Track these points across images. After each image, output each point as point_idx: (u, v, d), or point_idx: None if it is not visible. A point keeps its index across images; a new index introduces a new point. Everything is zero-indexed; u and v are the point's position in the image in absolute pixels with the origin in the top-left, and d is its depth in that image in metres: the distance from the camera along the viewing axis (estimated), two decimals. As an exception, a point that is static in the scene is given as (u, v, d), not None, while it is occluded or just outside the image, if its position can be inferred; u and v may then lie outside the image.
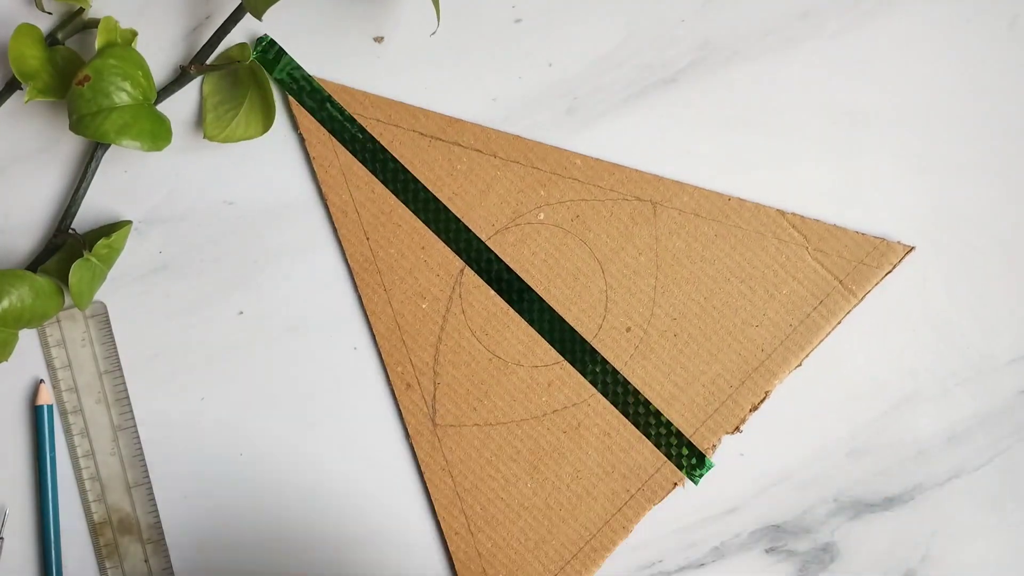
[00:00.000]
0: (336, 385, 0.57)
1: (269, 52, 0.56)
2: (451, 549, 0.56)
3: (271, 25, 0.56)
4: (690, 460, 0.56)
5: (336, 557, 0.56)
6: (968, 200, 0.57)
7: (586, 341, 0.56)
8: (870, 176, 0.57)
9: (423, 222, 0.56)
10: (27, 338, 0.57)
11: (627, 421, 0.56)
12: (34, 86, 0.54)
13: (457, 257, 0.56)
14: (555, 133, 0.57)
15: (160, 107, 0.56)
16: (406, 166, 0.56)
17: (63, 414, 0.57)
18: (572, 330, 0.56)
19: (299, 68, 0.56)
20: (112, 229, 0.56)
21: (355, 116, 0.56)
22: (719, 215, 0.56)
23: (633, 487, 0.56)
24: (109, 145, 0.55)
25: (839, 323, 0.55)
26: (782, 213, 0.55)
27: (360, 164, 0.56)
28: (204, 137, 0.56)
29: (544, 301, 0.56)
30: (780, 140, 0.57)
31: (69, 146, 0.57)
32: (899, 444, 0.56)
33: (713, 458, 0.56)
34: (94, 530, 0.56)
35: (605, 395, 0.56)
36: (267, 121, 0.55)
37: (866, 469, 0.56)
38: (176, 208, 0.57)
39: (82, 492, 0.56)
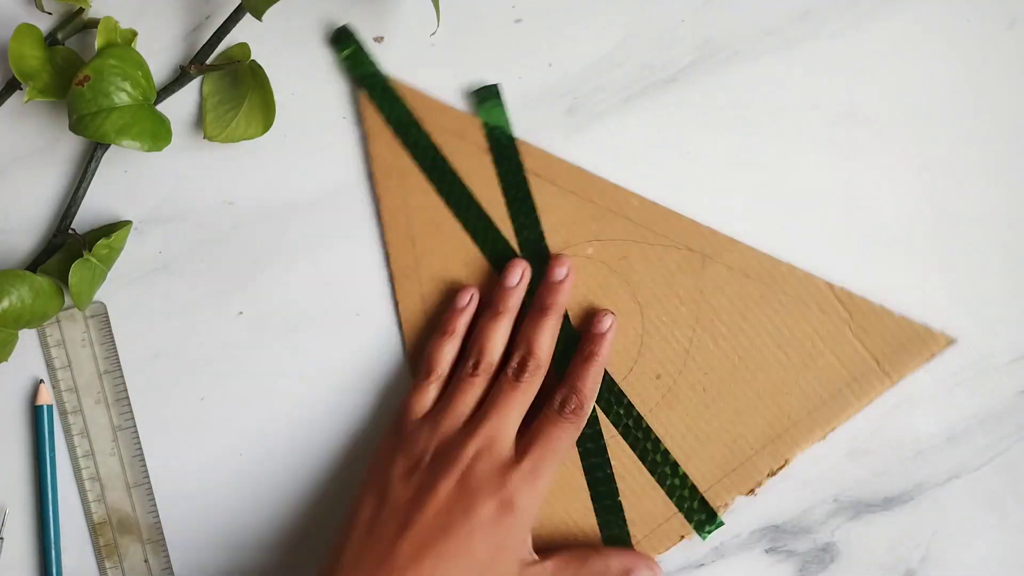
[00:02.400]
0: (336, 385, 0.57)
1: (347, 43, 0.56)
2: None
3: (271, 25, 0.56)
4: (700, 515, 0.55)
5: (336, 557, 0.56)
6: (968, 200, 0.57)
7: (615, 382, 0.56)
8: (870, 176, 0.57)
9: (471, 238, 0.56)
10: (27, 338, 0.57)
11: (643, 467, 0.55)
12: (34, 86, 0.54)
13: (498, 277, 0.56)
14: (555, 133, 0.57)
15: (160, 107, 0.56)
16: (464, 180, 0.56)
17: (63, 414, 0.57)
18: (603, 370, 0.55)
19: (374, 64, 0.56)
20: (112, 229, 0.56)
21: (420, 121, 0.56)
22: (767, 278, 0.55)
23: (639, 533, 0.55)
24: (109, 145, 0.55)
25: (870, 403, 0.55)
26: (831, 286, 0.55)
27: (419, 170, 0.56)
28: (204, 137, 0.56)
29: (578, 333, 0.56)
30: (780, 140, 0.57)
31: (69, 146, 0.57)
32: (899, 444, 0.56)
33: (724, 516, 0.55)
34: (94, 530, 0.56)
35: (625, 438, 0.55)
36: (267, 121, 0.55)
37: (866, 469, 0.56)
38: (176, 208, 0.57)
39: (82, 492, 0.56)
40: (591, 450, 0.55)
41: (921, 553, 0.56)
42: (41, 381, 0.57)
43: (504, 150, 0.56)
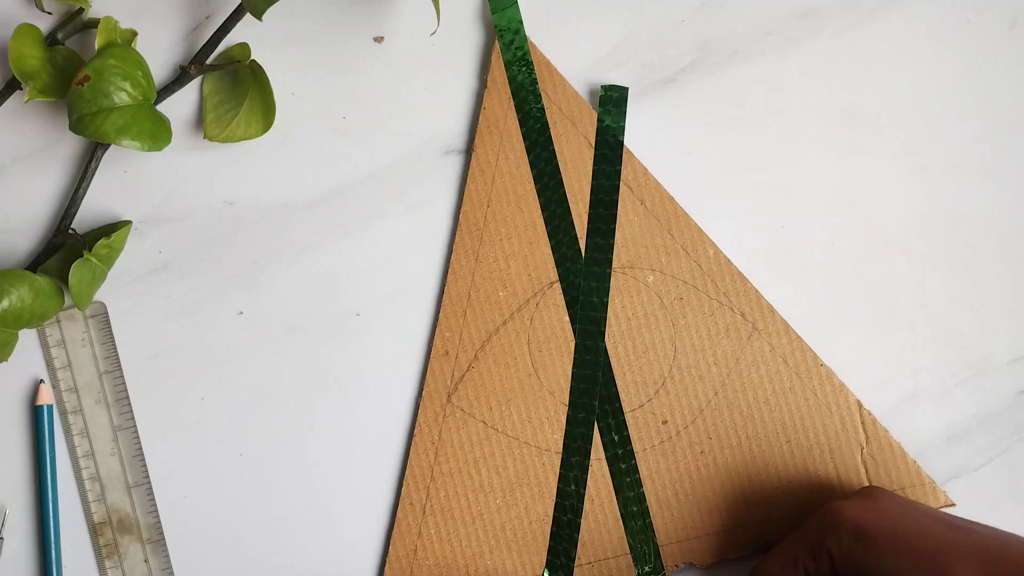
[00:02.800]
0: (336, 385, 0.57)
1: None
2: (398, 517, 0.55)
3: (271, 24, 0.56)
4: (648, 566, 0.55)
5: (336, 557, 0.56)
6: (968, 200, 0.57)
7: (622, 411, 0.56)
8: (870, 176, 0.57)
9: (545, 220, 0.56)
10: (27, 338, 0.57)
11: (615, 499, 0.55)
12: (34, 86, 0.54)
13: (555, 270, 0.56)
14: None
15: (160, 107, 0.56)
16: (560, 166, 0.56)
17: (63, 414, 0.57)
18: (615, 393, 0.56)
19: (520, 21, 0.56)
20: (112, 229, 0.56)
21: (541, 92, 0.56)
22: (804, 373, 0.55)
23: (584, 558, 0.55)
24: (109, 145, 0.55)
25: None
26: (860, 405, 0.55)
27: (520, 137, 0.56)
28: (204, 137, 0.56)
29: (607, 353, 0.56)
30: (780, 140, 0.57)
31: (69, 146, 0.57)
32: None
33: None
34: (94, 530, 0.56)
35: (610, 465, 0.55)
36: (267, 121, 0.55)
37: (866, 469, 0.56)
38: (176, 208, 0.57)
39: (82, 492, 0.56)
40: (573, 463, 0.55)
41: (921, 553, 0.56)
42: (41, 381, 0.57)
43: (609, 152, 0.56)
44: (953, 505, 0.55)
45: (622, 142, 0.56)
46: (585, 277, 0.56)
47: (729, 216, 0.57)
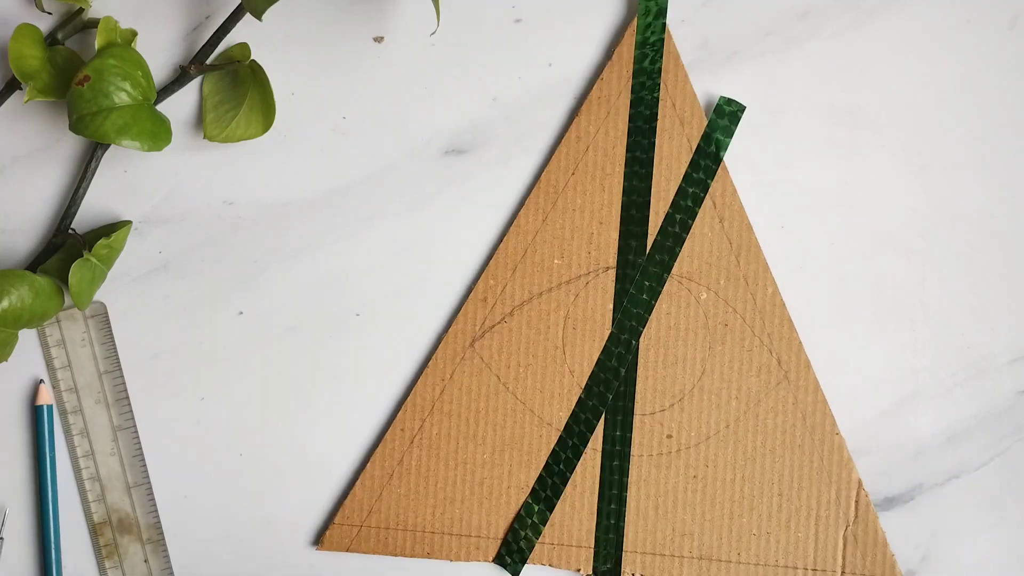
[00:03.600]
0: (336, 385, 0.57)
1: None
2: (385, 439, 0.56)
3: (271, 25, 0.56)
4: (607, 566, 0.55)
5: (335, 557, 0.56)
6: (968, 200, 0.57)
7: (632, 412, 0.56)
8: (870, 176, 0.57)
9: (621, 207, 0.56)
10: (27, 338, 0.57)
11: (597, 491, 0.55)
12: (34, 86, 0.54)
13: (616, 256, 0.56)
14: (555, 133, 0.57)
15: (160, 107, 0.56)
16: (655, 159, 0.56)
17: (63, 414, 0.57)
18: (632, 393, 0.56)
19: (665, 8, 0.55)
20: (112, 229, 0.56)
21: (661, 82, 0.56)
22: (818, 435, 0.55)
23: (549, 538, 0.55)
24: (109, 145, 0.55)
25: None
26: (860, 484, 0.55)
27: (626, 119, 0.56)
28: (204, 137, 0.56)
29: (637, 352, 0.56)
30: (780, 140, 0.57)
31: (69, 146, 0.57)
32: (898, 444, 0.56)
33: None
34: (94, 530, 0.56)
35: (603, 458, 0.55)
36: (267, 121, 0.55)
37: (866, 469, 0.56)
38: (176, 208, 0.57)
39: (82, 492, 0.56)
40: (569, 445, 0.55)
41: (921, 553, 0.56)
42: (41, 381, 0.57)
43: (707, 162, 0.56)
44: None
45: (722, 156, 0.56)
46: (642, 272, 0.56)
47: (729, 216, 0.57)
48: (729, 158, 0.56)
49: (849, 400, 0.56)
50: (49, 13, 0.56)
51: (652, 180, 0.56)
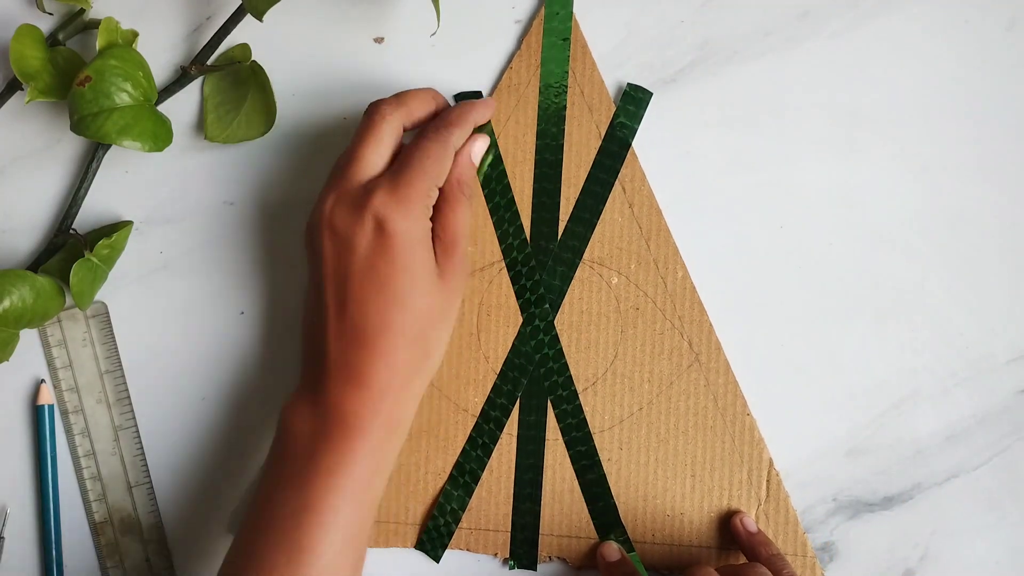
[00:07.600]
0: (336, 385, 0.57)
1: None
2: None
3: (272, 25, 0.56)
4: (524, 548, 0.56)
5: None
6: (968, 200, 0.57)
7: (546, 395, 0.56)
8: (870, 176, 0.57)
9: (532, 193, 0.56)
10: (28, 338, 0.57)
11: (513, 475, 0.56)
12: (35, 87, 0.54)
13: (528, 243, 0.56)
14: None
15: (161, 108, 0.56)
16: (564, 146, 0.56)
17: (64, 414, 0.57)
18: (555, 378, 0.56)
19: (570, 3, 0.56)
20: (113, 229, 0.56)
21: (569, 70, 0.56)
22: (729, 416, 0.55)
23: (467, 524, 0.56)
24: (110, 146, 0.55)
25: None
26: (771, 464, 0.55)
27: (535, 107, 0.56)
28: (205, 138, 0.56)
29: (558, 339, 0.56)
30: (780, 140, 0.57)
31: (70, 146, 0.57)
32: (898, 444, 0.56)
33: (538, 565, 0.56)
34: (95, 530, 0.56)
35: (519, 443, 0.56)
36: (268, 121, 0.56)
37: (865, 469, 0.56)
38: (177, 208, 0.57)
39: (83, 492, 0.57)
40: (485, 430, 0.56)
41: (920, 552, 0.56)
42: (42, 381, 0.57)
43: (615, 148, 0.56)
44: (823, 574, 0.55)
45: (630, 143, 0.56)
46: (553, 258, 0.56)
47: (728, 216, 0.57)
48: (729, 158, 0.57)
49: (849, 400, 0.56)
50: (50, 14, 0.56)
51: (562, 167, 0.56)
